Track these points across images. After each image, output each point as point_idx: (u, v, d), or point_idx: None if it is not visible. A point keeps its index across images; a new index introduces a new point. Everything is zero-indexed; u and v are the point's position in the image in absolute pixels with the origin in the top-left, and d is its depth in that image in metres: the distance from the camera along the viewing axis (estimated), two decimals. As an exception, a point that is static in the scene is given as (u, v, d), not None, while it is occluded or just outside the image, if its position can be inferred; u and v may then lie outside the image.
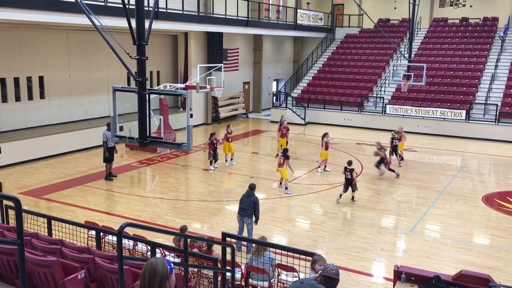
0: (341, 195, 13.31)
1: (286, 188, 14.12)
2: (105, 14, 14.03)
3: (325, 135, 16.41)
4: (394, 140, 17.14)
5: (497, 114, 22.90)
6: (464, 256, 10.04)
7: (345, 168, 13.27)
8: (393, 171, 15.87)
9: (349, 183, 13.18)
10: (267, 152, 20.16)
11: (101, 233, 8.12)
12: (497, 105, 23.27)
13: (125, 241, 8.11)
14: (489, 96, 24.27)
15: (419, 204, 13.54)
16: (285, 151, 14.12)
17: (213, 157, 16.38)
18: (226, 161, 16.96)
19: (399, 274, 7.51)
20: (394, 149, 17.18)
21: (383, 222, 12.14)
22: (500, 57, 26.59)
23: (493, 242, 10.99)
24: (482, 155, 20.01)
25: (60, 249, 5.87)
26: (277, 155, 17.43)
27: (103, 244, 8.53)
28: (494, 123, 22.83)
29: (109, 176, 15.03)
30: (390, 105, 25.24)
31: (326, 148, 16.24)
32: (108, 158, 14.94)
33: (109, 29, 7.13)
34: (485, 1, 30.65)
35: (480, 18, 30.15)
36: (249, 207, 9.89)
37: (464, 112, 23.39)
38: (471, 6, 31.10)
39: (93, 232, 8.20)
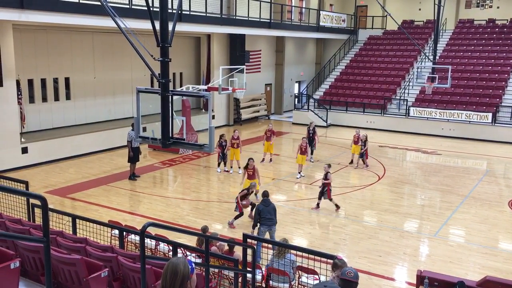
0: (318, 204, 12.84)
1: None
2: (129, 16, 14.25)
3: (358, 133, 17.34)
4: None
5: (525, 117, 22.38)
6: (489, 262, 9.83)
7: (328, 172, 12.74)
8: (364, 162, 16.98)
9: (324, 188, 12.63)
10: (288, 154, 20.11)
11: (124, 233, 8.22)
12: (524, 108, 22.74)
13: (147, 241, 8.19)
14: (516, 99, 23.73)
15: (443, 208, 13.32)
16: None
17: (222, 159, 16.29)
18: (231, 167, 16.49)
19: (422, 279, 7.41)
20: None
21: (406, 226, 11.98)
22: (528, 59, 25.98)
23: (519, 248, 10.74)
24: (508, 159, 19.57)
25: (84, 248, 5.97)
26: (263, 159, 17.38)
27: (126, 243, 8.64)
28: (522, 127, 22.31)
29: (133, 176, 15.21)
30: (414, 107, 24.90)
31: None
32: (133, 158, 15.08)
33: (134, 31, 7.23)
34: (513, 1, 30.00)
35: (507, 20, 29.50)
36: (273, 215, 9.81)
37: (490, 115, 22.91)
38: (498, 7, 30.47)
39: (116, 231, 8.31)
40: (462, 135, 23.07)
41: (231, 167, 16.54)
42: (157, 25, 6.84)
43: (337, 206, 12.69)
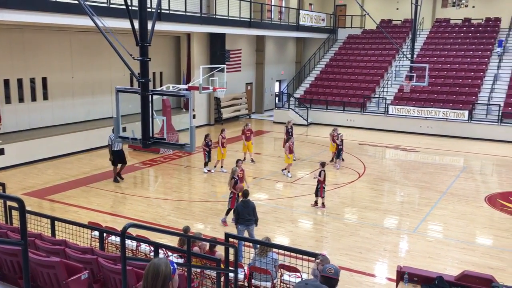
0: (316, 201, 12.93)
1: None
2: (108, 15, 14.09)
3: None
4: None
5: (500, 114, 22.87)
6: (467, 256, 10.03)
7: (323, 171, 12.73)
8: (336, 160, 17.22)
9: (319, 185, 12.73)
10: (269, 153, 20.18)
11: (104, 234, 8.14)
12: (499, 105, 23.23)
13: (128, 242, 8.13)
14: (491, 97, 24.23)
15: (421, 204, 13.53)
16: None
17: (208, 158, 16.21)
18: (215, 166, 16.45)
19: (402, 275, 7.52)
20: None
21: (386, 223, 12.13)
22: (503, 57, 26.54)
23: (496, 242, 10.98)
24: (485, 155, 19.98)
25: (63, 250, 5.89)
26: (244, 159, 17.18)
27: (106, 244, 8.55)
28: (497, 124, 22.78)
29: (118, 177, 14.96)
30: (393, 105, 25.23)
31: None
32: (115, 161, 14.80)
33: (112, 31, 7.15)
34: (488, 1, 30.59)
35: (482, 19, 30.11)
36: (251, 215, 9.78)
37: (466, 112, 23.35)
38: (473, 7, 31.05)
39: (96, 233, 8.23)
40: (440, 132, 23.46)
41: (222, 166, 16.38)
42: (136, 24, 6.78)
43: (323, 205, 12.82)
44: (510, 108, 23.03)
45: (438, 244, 10.72)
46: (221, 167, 16.32)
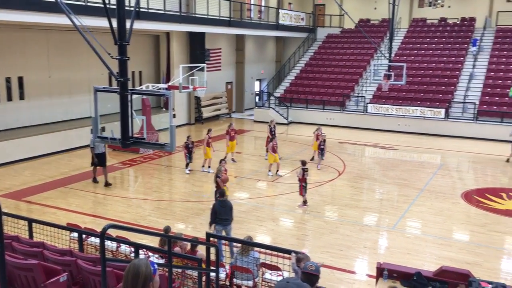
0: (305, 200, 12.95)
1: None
2: (85, 14, 13.88)
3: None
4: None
5: (475, 112, 23.33)
6: (444, 252, 10.21)
7: (303, 168, 12.71)
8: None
9: (306, 184, 12.76)
10: (250, 152, 20.21)
11: (83, 235, 8.05)
12: (475, 103, 23.71)
13: (108, 243, 8.05)
14: (467, 95, 24.70)
15: (400, 201, 13.72)
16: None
17: (189, 159, 16.08)
18: (203, 166, 16.39)
19: (381, 271, 7.61)
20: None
21: (366, 220, 12.27)
22: (478, 56, 27.07)
23: (472, 238, 11.21)
24: (461, 152, 20.36)
25: (41, 252, 5.81)
26: (232, 159, 17.19)
27: (85, 246, 8.45)
28: (473, 121, 23.25)
29: (106, 184, 14.47)
30: (372, 104, 25.51)
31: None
32: (98, 163, 14.51)
33: (90, 29, 7.07)
34: (463, 1, 31.16)
35: (458, 18, 30.65)
36: (229, 215, 9.68)
37: (443, 110, 23.75)
38: (449, 7, 31.60)
39: (75, 234, 8.13)
40: (417, 130, 23.82)
41: (209, 166, 16.25)
42: (115, 22, 6.72)
43: (303, 203, 12.86)
44: (485, 106, 23.51)
45: (416, 240, 10.89)
46: (209, 167, 16.24)
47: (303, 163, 12.98)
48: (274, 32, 29.99)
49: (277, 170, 15.96)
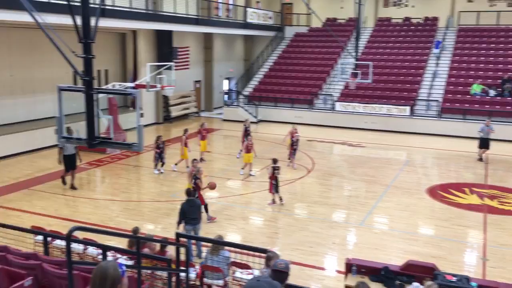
0: (280, 197, 12.96)
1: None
2: (49, 11, 13.54)
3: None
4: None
5: (439, 109, 23.96)
6: (411, 246, 10.45)
7: (273, 167, 12.77)
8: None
9: (278, 182, 12.82)
10: (220, 151, 20.15)
11: (49, 238, 7.85)
12: (438, 101, 24.34)
13: (74, 245, 7.87)
14: (431, 93, 25.34)
15: (368, 198, 13.96)
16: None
17: (159, 160, 15.78)
18: (176, 164, 16.21)
19: (350, 267, 7.74)
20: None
21: (335, 217, 12.43)
22: (441, 55, 27.80)
23: (437, 232, 11.51)
24: (426, 149, 20.87)
25: (4, 256, 5.64)
26: (201, 159, 16.99)
27: (51, 249, 8.24)
28: (437, 118, 23.86)
29: (72, 187, 13.98)
30: (339, 102, 25.83)
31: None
32: (67, 166, 13.93)
33: (54, 27, 6.89)
34: (426, 1, 31.93)
35: (421, 18, 31.39)
36: (197, 215, 9.62)
37: (408, 108, 24.29)
38: (413, 6, 32.31)
39: (40, 237, 7.91)
40: (384, 127, 24.26)
41: (187, 166, 15.95)
42: (79, 20, 6.57)
43: (273, 201, 12.91)
44: (448, 104, 24.17)
45: (384, 236, 11.11)
46: (187, 167, 16.06)
47: (274, 161, 13.04)
48: (242, 30, 29.98)
49: (250, 170, 15.95)
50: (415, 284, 7.23)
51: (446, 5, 31.08)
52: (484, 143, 18.30)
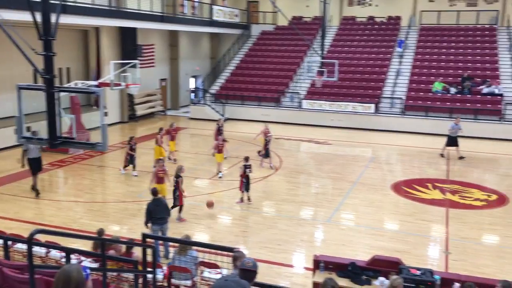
0: (248, 197, 13.00)
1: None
2: (7, 7, 13.10)
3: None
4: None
5: (403, 107, 24.49)
6: (377, 242, 10.64)
7: (245, 165, 12.84)
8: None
9: (248, 181, 12.90)
10: (186, 150, 19.96)
11: (9, 242, 7.57)
12: (402, 98, 24.88)
13: (36, 249, 7.64)
14: (395, 90, 25.87)
15: (335, 194, 14.14)
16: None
17: (130, 161, 15.42)
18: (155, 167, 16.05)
19: (318, 263, 7.81)
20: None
21: (302, 214, 12.52)
22: (404, 53, 28.42)
23: (402, 227, 11.76)
24: (390, 146, 21.31)
25: (-39, 262, 5.40)
26: (174, 159, 16.75)
27: (12, 253, 7.96)
28: (400, 116, 24.39)
29: (34, 190, 13.28)
30: (306, 100, 26.04)
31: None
32: (32, 169, 13.20)
33: (12, 23, 6.65)
34: (389, 1, 32.57)
35: (385, 17, 32.00)
36: (164, 214, 9.46)
37: (373, 105, 24.73)
38: (376, 6, 32.90)
39: (0, 241, 7.62)
40: (349, 125, 24.63)
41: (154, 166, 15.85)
42: (39, 16, 6.36)
43: (241, 200, 12.89)
44: (411, 101, 24.74)
45: (350, 232, 11.27)
46: (153, 166, 15.84)
47: (246, 159, 13.05)
48: (208, 28, 29.79)
49: (220, 171, 15.71)
50: (381, 278, 7.36)
51: (408, 4, 31.79)
52: (453, 141, 18.43)
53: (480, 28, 29.37)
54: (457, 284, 7.04)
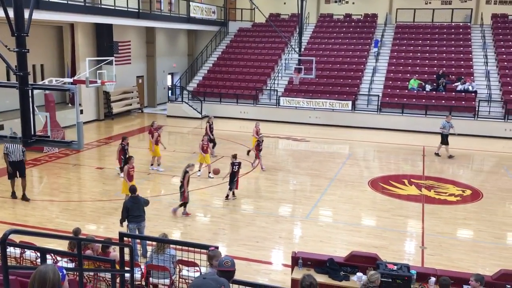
0: (233, 193, 13.13)
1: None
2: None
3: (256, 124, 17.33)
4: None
5: (379, 104, 24.80)
6: (354, 238, 10.76)
7: (233, 162, 12.92)
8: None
9: (234, 178, 12.92)
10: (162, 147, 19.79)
11: (-18, 243, 7.39)
12: (378, 95, 25.18)
13: (10, 249, 7.48)
14: (371, 88, 26.16)
15: (313, 191, 14.23)
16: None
17: (124, 163, 15.09)
18: (152, 164, 15.83)
19: (296, 260, 7.85)
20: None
21: (281, 211, 12.57)
22: (380, 51, 28.76)
23: (379, 223, 11.92)
24: (367, 142, 21.56)
25: None
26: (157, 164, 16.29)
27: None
28: (377, 113, 24.69)
29: (23, 198, 12.57)
30: (284, 97, 26.11)
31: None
32: (13, 174, 12.55)
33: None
34: (366, -1, 32.93)
35: (361, 15, 32.31)
36: (141, 212, 9.32)
37: (350, 103, 24.96)
38: (353, 3, 33.18)
39: (-28, 243, 7.44)
40: (327, 122, 24.81)
41: (159, 164, 15.75)
42: (11, 12, 6.21)
43: (229, 196, 13.01)
44: (387, 98, 25.06)
45: (328, 228, 11.37)
46: (158, 165, 15.77)
47: (234, 156, 13.10)
48: (185, 25, 29.58)
49: (199, 170, 15.55)
50: (359, 274, 7.45)
51: (384, 2, 32.17)
52: (446, 139, 18.30)
53: (455, 26, 29.94)
54: (433, 278, 7.18)
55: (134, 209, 9.24)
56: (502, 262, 9.50)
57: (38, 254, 7.21)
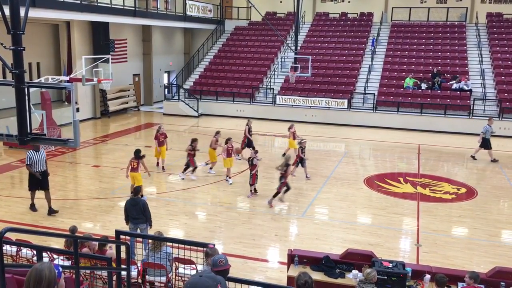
0: (255, 189, 13.48)
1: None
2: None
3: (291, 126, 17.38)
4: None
5: (375, 102, 24.86)
6: (350, 235, 10.81)
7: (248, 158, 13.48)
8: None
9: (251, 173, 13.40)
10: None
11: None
12: (374, 94, 25.25)
13: (7, 247, 7.48)
14: (367, 86, 26.23)
15: (309, 189, 14.27)
16: (137, 152, 12.50)
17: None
18: (163, 167, 15.72)
19: (292, 258, 7.89)
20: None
21: (277, 209, 12.60)
22: (376, 49, 28.81)
23: (374, 220, 11.98)
24: (363, 141, 21.62)
25: None
26: (157, 164, 16.03)
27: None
28: (372, 111, 24.75)
29: (50, 212, 11.67)
30: (280, 95, 26.13)
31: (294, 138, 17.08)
32: (35, 185, 11.66)
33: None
34: (362, -3, 32.97)
35: (357, 13, 32.36)
36: (140, 214, 9.23)
37: (346, 101, 25.01)
38: (349, 2, 33.21)
39: (-32, 241, 7.44)
40: (323, 120, 24.86)
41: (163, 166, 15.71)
42: (7, 10, 6.21)
43: (251, 192, 13.29)
44: (383, 97, 25.12)
45: (324, 226, 11.41)
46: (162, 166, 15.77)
47: (254, 152, 13.52)
48: (182, 23, 29.55)
49: (211, 168, 15.51)
50: (355, 272, 7.49)
51: (380, 1, 32.21)
52: (487, 143, 17.72)
53: (450, 25, 30.03)
54: (428, 276, 7.23)
55: (131, 211, 9.20)
56: (496, 259, 9.57)
57: (35, 252, 7.22)
